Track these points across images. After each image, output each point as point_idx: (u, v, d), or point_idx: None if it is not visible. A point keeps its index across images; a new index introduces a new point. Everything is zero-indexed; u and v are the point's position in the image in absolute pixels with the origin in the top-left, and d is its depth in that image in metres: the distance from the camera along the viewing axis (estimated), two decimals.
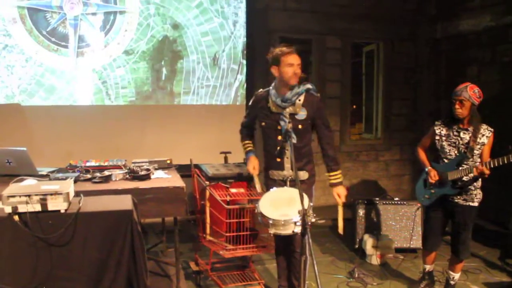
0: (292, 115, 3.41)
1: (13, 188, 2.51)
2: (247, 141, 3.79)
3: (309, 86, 3.47)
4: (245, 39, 6.22)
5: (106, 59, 5.66)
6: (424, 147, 3.95)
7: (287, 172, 3.49)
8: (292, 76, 3.39)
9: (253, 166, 3.60)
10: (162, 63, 5.93)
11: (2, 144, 3.85)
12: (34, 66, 5.38)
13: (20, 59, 5.33)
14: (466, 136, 3.62)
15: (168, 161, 3.95)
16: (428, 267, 4.05)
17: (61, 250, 2.43)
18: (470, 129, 3.61)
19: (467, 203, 3.67)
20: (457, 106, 3.55)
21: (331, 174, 3.58)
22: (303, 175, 3.49)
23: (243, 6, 6.18)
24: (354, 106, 8.20)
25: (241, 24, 6.20)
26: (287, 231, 2.94)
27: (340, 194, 3.57)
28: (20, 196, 2.37)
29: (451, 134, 3.68)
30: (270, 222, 2.95)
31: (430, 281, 4.10)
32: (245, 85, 6.26)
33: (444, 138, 3.72)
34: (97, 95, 5.65)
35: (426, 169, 3.81)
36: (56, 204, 2.43)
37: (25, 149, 3.38)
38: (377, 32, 7.10)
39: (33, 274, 2.39)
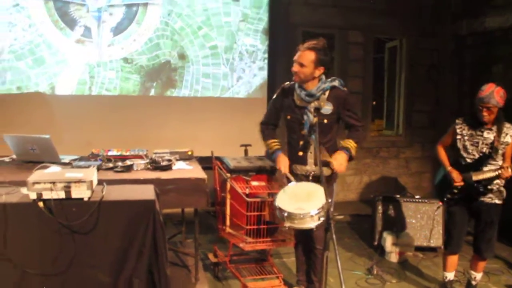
0: (317, 110, 3.36)
1: (38, 174, 2.53)
2: (272, 140, 3.66)
3: (335, 83, 3.42)
4: (242, 96, 6.23)
5: (104, 58, 5.66)
6: (444, 145, 3.85)
7: (310, 167, 3.46)
8: (293, 73, 3.37)
9: (284, 165, 3.49)
10: (154, 84, 5.92)
11: (24, 132, 3.88)
12: (35, 34, 5.39)
13: (24, 22, 5.35)
14: (490, 136, 3.55)
15: (189, 153, 3.96)
16: (449, 276, 3.89)
17: (84, 237, 2.44)
18: (494, 128, 3.54)
19: (493, 201, 3.61)
20: (484, 114, 3.46)
21: (347, 140, 3.46)
22: (326, 171, 3.41)
23: (253, 66, 6.19)
24: (374, 102, 8.13)
25: (245, 81, 6.20)
26: (303, 225, 2.91)
27: (338, 161, 3.34)
28: (44, 183, 2.38)
29: (474, 133, 3.61)
30: (285, 215, 2.92)
31: None
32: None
33: (466, 137, 3.64)
34: (80, 86, 5.64)
35: (448, 169, 3.72)
36: (80, 192, 2.44)
37: (48, 136, 3.41)
38: (400, 28, 7.02)
39: (56, 260, 2.41)
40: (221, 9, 5.99)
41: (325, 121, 3.39)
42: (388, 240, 4.76)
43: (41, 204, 2.36)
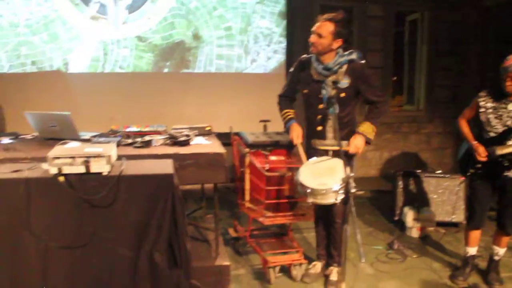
0: (335, 83, 3.32)
1: (58, 150, 2.55)
2: (287, 110, 3.66)
3: (353, 57, 3.35)
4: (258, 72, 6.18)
5: (118, 35, 5.66)
6: (467, 119, 3.76)
7: (329, 141, 3.43)
8: (309, 44, 3.33)
9: (297, 134, 3.50)
10: (168, 63, 5.90)
11: (45, 109, 3.91)
12: (50, 9, 5.43)
13: None
14: None
15: (208, 128, 3.95)
16: (471, 251, 3.83)
17: (104, 211, 2.46)
18: None
19: None
20: (508, 83, 3.36)
21: (364, 123, 3.43)
22: (345, 145, 3.39)
23: (268, 49, 6.14)
24: (395, 78, 8.00)
25: (259, 64, 6.17)
26: (325, 200, 2.89)
27: (353, 145, 3.36)
28: (64, 157, 2.40)
29: (498, 106, 3.51)
30: (308, 191, 2.90)
31: (473, 267, 3.89)
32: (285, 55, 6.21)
33: (490, 110, 3.55)
34: (93, 62, 5.66)
35: (473, 144, 3.65)
36: (99, 167, 2.45)
37: (68, 113, 3.43)
38: (421, 0, 6.84)
39: (77, 233, 2.44)
40: None
41: (343, 94, 3.34)
42: (409, 216, 4.72)
43: (61, 178, 2.38)
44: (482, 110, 3.60)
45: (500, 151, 3.48)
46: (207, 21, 5.89)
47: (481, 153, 3.54)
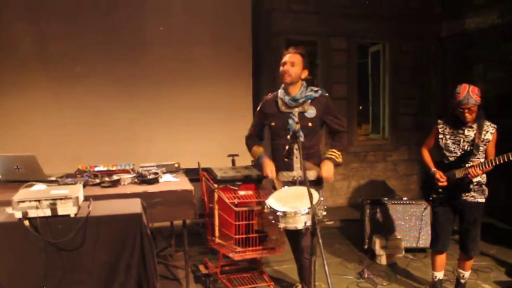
0: (301, 114, 3.45)
1: (23, 193, 2.52)
2: (256, 147, 3.75)
3: (318, 94, 3.52)
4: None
5: None
6: (428, 147, 3.90)
7: (296, 172, 3.49)
8: (282, 74, 3.47)
9: (271, 170, 3.54)
10: None
11: (10, 150, 3.87)
12: None
13: None
14: (471, 133, 3.60)
15: (176, 165, 3.97)
16: (438, 275, 3.93)
17: (72, 254, 2.43)
18: (474, 126, 3.59)
19: (476, 200, 3.65)
20: (467, 115, 3.51)
21: (330, 150, 3.58)
22: (312, 175, 3.47)
23: None
24: (360, 107, 8.19)
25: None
26: (296, 224, 2.89)
27: (325, 169, 3.47)
28: (30, 201, 2.37)
29: (455, 132, 3.67)
30: (279, 214, 2.89)
31: None
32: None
33: (448, 136, 3.70)
34: None
35: (432, 171, 3.78)
36: (66, 209, 2.43)
37: (33, 154, 3.40)
38: (382, 32, 7.11)
39: (44, 278, 2.39)
40: None
41: (310, 124, 3.48)
42: (378, 243, 4.79)
43: (26, 222, 2.35)
44: (441, 136, 3.74)
45: (459, 174, 3.61)
46: None
47: (440, 178, 3.67)
